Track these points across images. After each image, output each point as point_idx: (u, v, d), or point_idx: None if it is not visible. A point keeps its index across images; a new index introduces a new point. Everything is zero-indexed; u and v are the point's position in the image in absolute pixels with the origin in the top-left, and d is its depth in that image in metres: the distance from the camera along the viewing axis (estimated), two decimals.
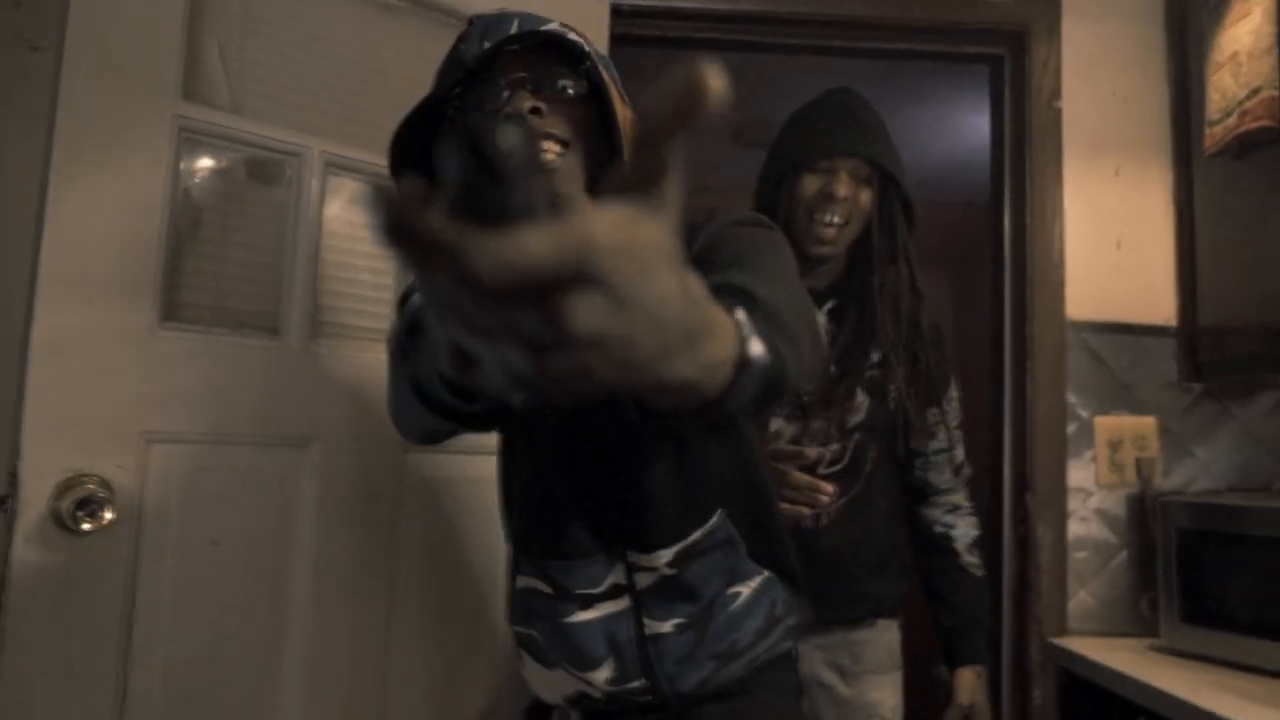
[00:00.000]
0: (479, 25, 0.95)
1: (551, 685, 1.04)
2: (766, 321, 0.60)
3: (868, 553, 1.58)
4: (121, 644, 1.25)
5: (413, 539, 1.54)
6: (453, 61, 0.95)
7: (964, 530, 1.65)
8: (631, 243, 0.33)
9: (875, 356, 1.55)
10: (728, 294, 0.58)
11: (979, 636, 1.61)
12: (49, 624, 1.20)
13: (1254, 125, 1.67)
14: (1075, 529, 1.90)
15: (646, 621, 0.97)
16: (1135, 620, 1.87)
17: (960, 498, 1.67)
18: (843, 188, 1.46)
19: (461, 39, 0.96)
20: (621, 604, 0.98)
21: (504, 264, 0.30)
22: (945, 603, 1.62)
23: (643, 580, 0.98)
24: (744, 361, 0.51)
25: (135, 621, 1.27)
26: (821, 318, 1.55)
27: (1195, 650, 1.65)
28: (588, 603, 0.98)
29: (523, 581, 1.04)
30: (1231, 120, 1.74)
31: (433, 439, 0.87)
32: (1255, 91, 1.68)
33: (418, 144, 0.94)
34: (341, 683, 1.45)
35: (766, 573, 1.03)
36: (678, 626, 0.97)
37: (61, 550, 1.19)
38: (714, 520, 0.99)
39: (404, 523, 1.53)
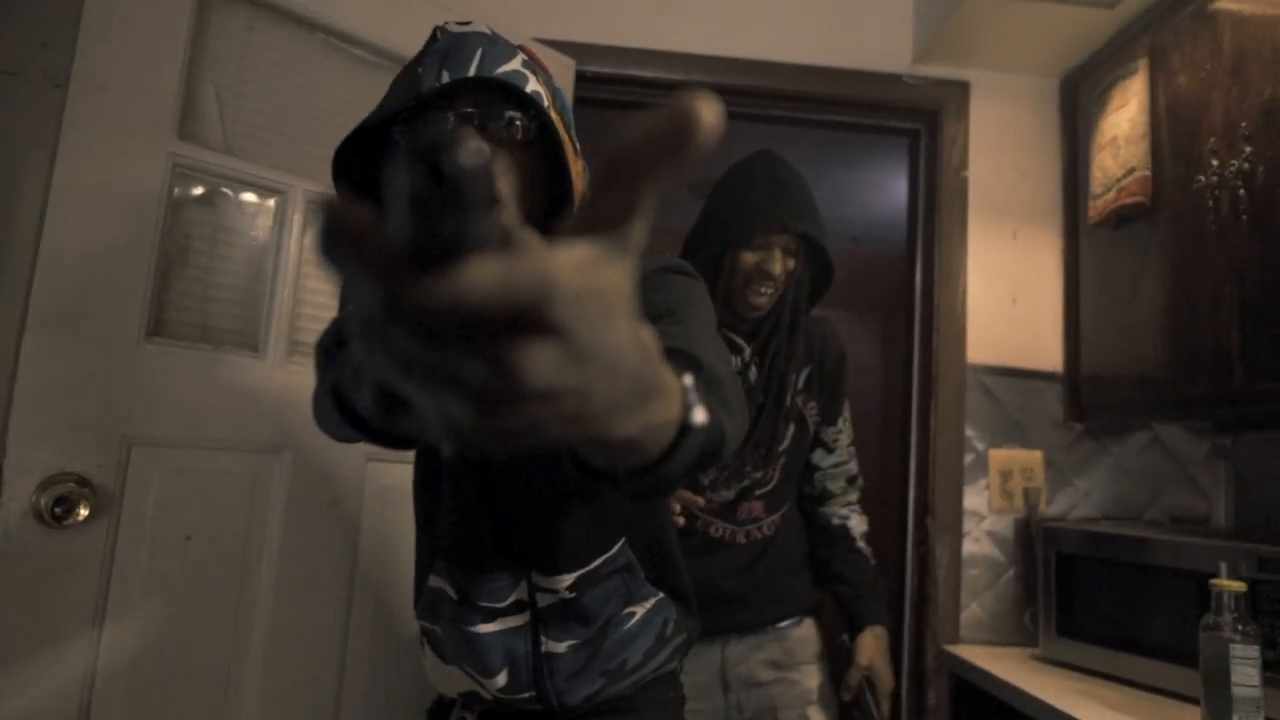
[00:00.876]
0: (441, 46, 0.83)
1: (447, 680, 0.98)
2: (709, 390, 0.53)
3: (791, 556, 1.59)
4: (94, 629, 1.22)
5: (372, 539, 1.52)
6: (408, 82, 0.83)
7: (857, 522, 1.64)
8: (595, 288, 0.27)
9: (799, 384, 1.55)
10: (674, 357, 0.50)
11: (876, 602, 1.60)
12: (23, 610, 1.17)
13: (1129, 201, 1.71)
14: (969, 548, 1.91)
15: (543, 639, 0.91)
16: (1019, 631, 1.88)
17: (853, 499, 1.67)
18: (777, 265, 1.46)
19: (421, 59, 0.83)
20: (521, 619, 0.92)
21: (451, 297, 0.24)
22: (845, 579, 1.60)
23: (543, 600, 0.92)
24: (686, 427, 0.44)
25: (108, 608, 1.24)
26: (750, 353, 1.54)
27: (1069, 660, 1.66)
28: (490, 616, 0.92)
29: (434, 581, 0.97)
30: (1111, 195, 1.77)
31: (350, 441, 0.77)
32: (1131, 171, 1.72)
33: (359, 161, 0.86)
34: (300, 668, 1.43)
35: (660, 594, 0.97)
36: (571, 647, 0.91)
37: (38, 542, 1.16)
38: (615, 548, 0.93)
39: (365, 524, 1.51)
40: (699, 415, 0.44)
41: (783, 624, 1.55)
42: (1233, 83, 1.49)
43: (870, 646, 1.55)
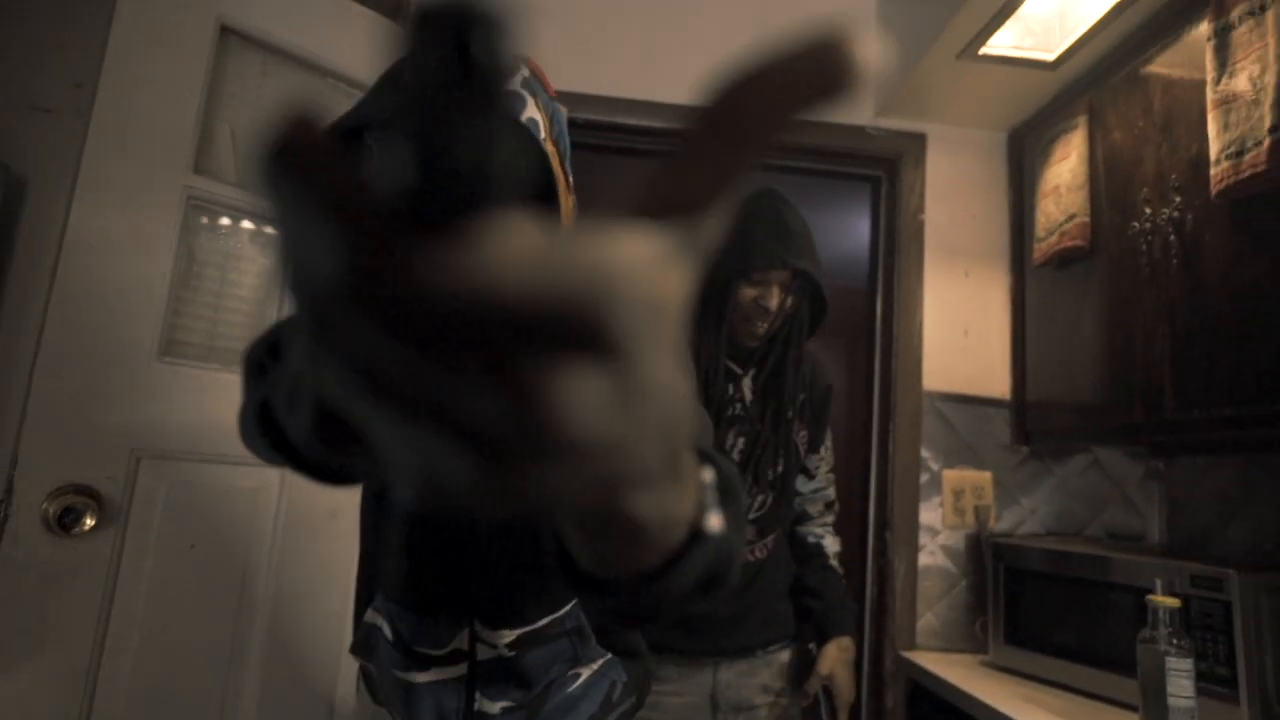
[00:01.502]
0: None
1: (377, 718, 0.86)
2: (725, 498, 0.36)
3: (781, 581, 1.53)
4: (97, 633, 1.18)
5: None
6: (392, 87, 0.66)
7: (831, 542, 1.59)
8: (660, 299, 0.17)
9: (790, 412, 1.50)
10: None
11: (845, 614, 1.52)
12: (29, 614, 1.12)
13: (1070, 244, 1.71)
14: (924, 561, 1.88)
15: (478, 697, 0.76)
16: (970, 639, 1.85)
17: (829, 521, 1.62)
18: (774, 301, 1.42)
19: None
20: (458, 671, 0.77)
21: (459, 276, 0.14)
22: (815, 593, 1.53)
23: (483, 653, 0.77)
24: (698, 533, 0.31)
25: (112, 614, 1.19)
26: (748, 381, 1.49)
27: (1016, 667, 1.64)
28: (426, 663, 0.76)
29: (371, 616, 0.82)
30: (1053, 239, 1.78)
31: (277, 464, 0.54)
32: (1071, 217, 1.72)
33: None
34: (298, 669, 1.38)
35: (609, 655, 0.83)
36: (506, 709, 0.77)
37: (45, 550, 1.12)
38: (565, 609, 0.79)
39: None
40: (715, 522, 0.32)
41: (773, 648, 1.48)
42: (1163, 139, 1.50)
43: (833, 656, 1.47)
